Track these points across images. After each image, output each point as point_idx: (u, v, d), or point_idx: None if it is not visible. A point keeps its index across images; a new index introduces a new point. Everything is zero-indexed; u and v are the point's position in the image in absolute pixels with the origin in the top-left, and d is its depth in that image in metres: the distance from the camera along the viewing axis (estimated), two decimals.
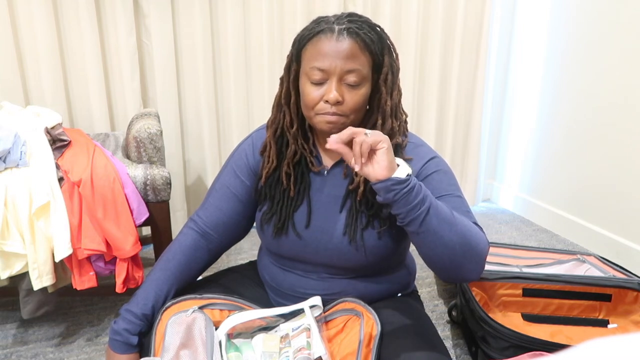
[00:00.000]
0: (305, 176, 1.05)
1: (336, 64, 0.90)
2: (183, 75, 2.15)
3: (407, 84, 2.43)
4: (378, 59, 0.94)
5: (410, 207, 0.84)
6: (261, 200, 1.09)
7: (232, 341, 0.99)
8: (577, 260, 1.81)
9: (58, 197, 1.34)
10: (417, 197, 0.85)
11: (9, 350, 1.50)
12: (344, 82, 0.92)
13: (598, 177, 2.16)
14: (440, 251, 0.88)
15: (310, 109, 0.95)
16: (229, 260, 2.03)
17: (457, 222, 0.88)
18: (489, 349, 1.34)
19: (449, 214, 0.88)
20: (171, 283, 1.05)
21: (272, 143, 1.04)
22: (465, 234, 0.88)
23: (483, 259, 0.91)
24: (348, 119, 0.95)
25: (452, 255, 0.88)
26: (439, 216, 0.86)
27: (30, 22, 1.86)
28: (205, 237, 1.10)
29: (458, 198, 0.99)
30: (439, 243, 0.87)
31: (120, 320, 1.02)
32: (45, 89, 1.93)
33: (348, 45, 0.90)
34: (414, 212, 0.85)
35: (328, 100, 0.92)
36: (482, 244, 0.91)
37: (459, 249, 0.87)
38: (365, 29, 0.92)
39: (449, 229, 0.87)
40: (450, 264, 0.89)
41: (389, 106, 0.97)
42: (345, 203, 1.02)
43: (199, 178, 2.32)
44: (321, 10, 2.17)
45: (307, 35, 0.94)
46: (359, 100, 0.94)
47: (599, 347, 0.48)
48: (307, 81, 0.94)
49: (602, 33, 2.07)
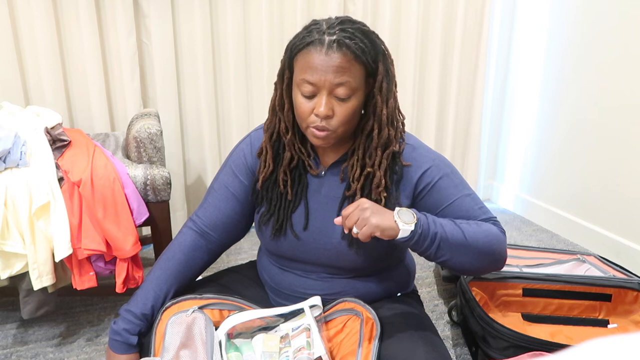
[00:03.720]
0: (302, 178, 1.05)
1: (325, 77, 0.89)
2: (183, 75, 2.15)
3: (407, 84, 2.43)
4: (371, 67, 0.93)
5: (421, 250, 0.92)
6: (258, 203, 1.09)
7: (232, 341, 0.99)
8: (577, 260, 1.81)
9: (58, 197, 1.34)
10: (425, 242, 0.90)
11: (9, 350, 1.50)
12: (333, 95, 0.91)
13: (598, 177, 2.16)
14: (460, 267, 0.96)
15: (302, 120, 0.96)
16: (229, 260, 2.03)
17: (470, 241, 0.93)
18: (489, 349, 1.34)
19: (460, 238, 0.93)
20: (170, 283, 1.05)
21: (269, 147, 1.04)
22: (480, 248, 0.94)
23: (503, 256, 0.98)
24: (336, 132, 0.94)
25: (472, 266, 0.96)
26: (452, 247, 0.92)
27: (30, 22, 1.86)
28: (205, 236, 1.10)
29: (467, 197, 1.00)
30: (457, 262, 0.94)
31: (119, 321, 1.02)
32: (45, 89, 1.92)
33: (337, 58, 0.89)
34: (426, 252, 0.92)
35: (318, 114, 0.92)
36: (498, 243, 0.96)
37: (477, 261, 0.96)
38: (357, 37, 0.90)
39: (464, 251, 0.93)
40: (474, 271, 1.00)
41: (385, 115, 0.96)
42: (343, 205, 1.02)
43: (199, 178, 2.32)
44: (321, 10, 2.17)
45: (297, 45, 0.93)
46: (349, 113, 0.93)
47: (599, 347, 0.48)
48: (298, 92, 0.94)
49: (602, 33, 2.07)
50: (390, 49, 2.55)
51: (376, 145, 0.97)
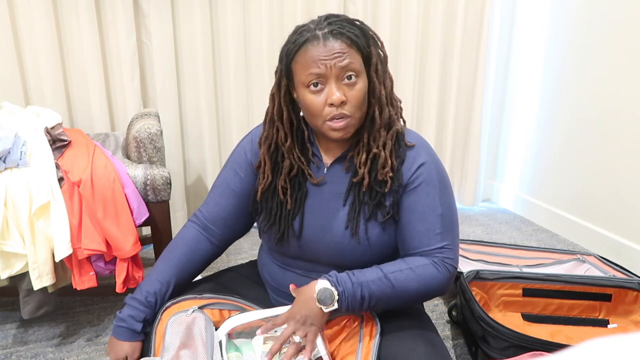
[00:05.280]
0: (302, 186, 1.05)
1: (331, 64, 0.91)
2: (183, 75, 2.15)
3: (407, 84, 2.43)
4: (366, 51, 0.95)
5: (354, 311, 0.97)
6: (257, 212, 1.10)
7: (232, 341, 0.99)
8: (577, 260, 1.81)
9: (58, 197, 1.34)
10: (355, 306, 0.95)
11: (9, 350, 1.50)
12: (342, 81, 0.93)
13: (598, 177, 2.15)
14: (397, 308, 1.02)
15: (316, 116, 0.96)
16: (229, 260, 2.03)
17: (398, 291, 0.96)
18: (489, 349, 1.34)
19: (388, 291, 0.95)
20: (173, 272, 1.07)
21: (267, 159, 1.05)
22: (411, 293, 0.97)
23: (441, 291, 1.00)
24: (354, 118, 0.95)
25: (406, 305, 1.02)
26: (380, 300, 0.95)
27: (30, 22, 1.86)
28: (207, 230, 1.12)
29: (436, 218, 0.99)
30: (391, 307, 1.00)
31: (125, 309, 1.03)
32: (45, 89, 1.93)
33: (337, 45, 0.91)
34: (360, 311, 0.98)
35: (332, 102, 0.92)
36: (433, 284, 0.98)
37: (411, 302, 1.00)
38: (346, 26, 0.93)
39: (395, 300, 0.97)
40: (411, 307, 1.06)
41: (384, 95, 0.98)
42: (349, 196, 1.02)
43: (199, 178, 2.32)
44: (321, 10, 2.17)
45: (293, 48, 0.94)
46: (361, 96, 0.95)
47: (598, 347, 0.48)
48: (305, 91, 0.95)
49: (602, 33, 2.07)
50: (390, 48, 2.56)
51: (379, 127, 0.99)
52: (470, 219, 2.56)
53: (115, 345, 1.01)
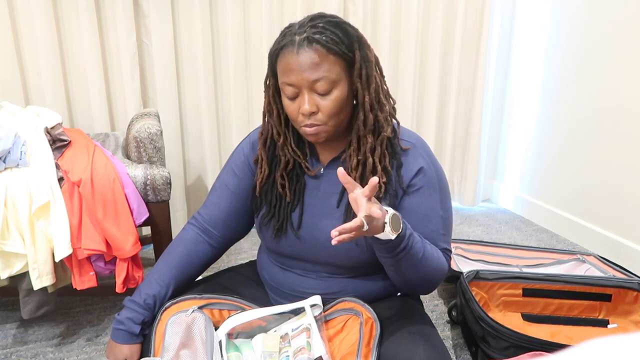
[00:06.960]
0: (300, 178, 1.05)
1: (302, 76, 0.91)
2: (183, 75, 2.15)
3: (407, 84, 2.43)
4: (348, 56, 0.93)
5: (387, 255, 0.93)
6: (257, 207, 1.10)
7: (232, 341, 0.99)
8: (577, 260, 1.81)
9: (58, 197, 1.34)
10: (396, 248, 0.91)
11: (9, 350, 1.50)
12: (314, 91, 0.92)
13: (598, 177, 2.15)
14: (399, 280, 1.00)
15: (293, 121, 0.98)
16: (229, 260, 2.03)
17: (422, 262, 0.95)
18: (489, 349, 1.34)
19: (418, 257, 0.94)
20: (172, 275, 1.07)
21: (263, 154, 1.06)
22: (426, 270, 0.96)
23: (436, 285, 1.02)
24: (327, 125, 0.95)
25: (407, 283, 1.00)
26: (407, 258, 0.93)
27: (30, 22, 1.86)
28: (206, 233, 1.12)
29: (438, 219, 1.01)
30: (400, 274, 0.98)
31: (123, 311, 1.03)
32: (45, 89, 1.92)
33: (309, 56, 0.90)
34: (390, 257, 0.93)
35: (302, 113, 0.93)
36: (442, 273, 1.00)
37: (416, 282, 0.99)
38: (327, 30, 0.91)
39: (413, 269, 0.95)
40: (405, 287, 1.05)
41: (368, 101, 0.96)
42: (343, 198, 1.02)
43: (199, 178, 2.32)
44: (321, 10, 2.16)
45: (274, 50, 0.95)
46: (334, 106, 0.94)
47: (598, 347, 0.48)
48: (283, 95, 0.96)
49: (602, 33, 2.07)
50: (390, 49, 2.56)
51: (364, 133, 0.98)
52: (470, 219, 2.56)
53: (114, 348, 1.01)
